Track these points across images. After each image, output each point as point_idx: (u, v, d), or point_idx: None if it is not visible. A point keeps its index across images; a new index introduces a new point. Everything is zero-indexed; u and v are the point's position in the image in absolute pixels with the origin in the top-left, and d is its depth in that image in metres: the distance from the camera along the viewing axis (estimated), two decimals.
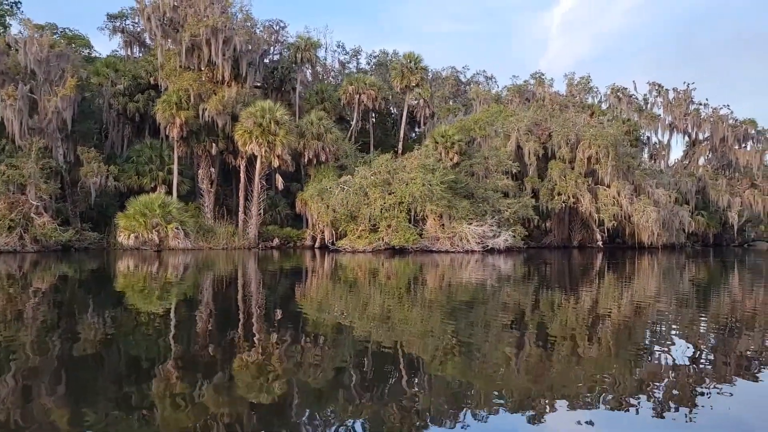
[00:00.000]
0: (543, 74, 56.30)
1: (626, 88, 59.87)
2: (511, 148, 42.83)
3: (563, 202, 41.40)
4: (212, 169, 41.34)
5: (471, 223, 34.65)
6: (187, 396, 6.15)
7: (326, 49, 61.54)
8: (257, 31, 44.95)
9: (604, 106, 59.99)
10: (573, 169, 42.06)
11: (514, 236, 36.41)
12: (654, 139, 60.02)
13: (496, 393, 6.39)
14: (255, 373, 7.21)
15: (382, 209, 34.93)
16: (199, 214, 39.36)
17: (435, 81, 59.74)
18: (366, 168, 37.58)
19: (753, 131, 55.15)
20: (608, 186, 41.75)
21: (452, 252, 34.11)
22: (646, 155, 61.49)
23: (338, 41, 72.01)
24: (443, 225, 35.07)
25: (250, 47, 40.48)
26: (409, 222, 35.42)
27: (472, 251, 34.01)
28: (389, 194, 35.48)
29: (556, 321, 11.21)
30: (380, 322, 10.72)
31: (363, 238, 34.57)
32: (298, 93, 47.28)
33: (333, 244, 36.33)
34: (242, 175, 40.13)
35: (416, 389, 6.53)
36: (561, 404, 5.97)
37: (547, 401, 6.07)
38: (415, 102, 54.69)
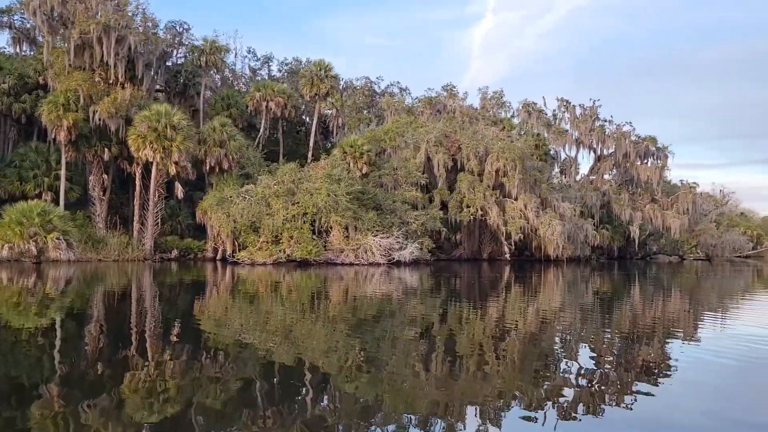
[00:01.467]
0: (454, 86, 57.76)
1: (536, 103, 62.24)
2: (420, 160, 43.35)
3: (472, 214, 42.25)
4: (105, 176, 39.37)
5: (377, 235, 34.50)
6: (71, 418, 5.86)
7: (236, 54, 60.61)
8: (159, 32, 43.39)
9: (516, 121, 62.03)
10: (482, 181, 43.06)
11: (421, 249, 36.70)
12: (563, 154, 62.57)
13: (405, 407, 6.43)
14: (147, 393, 6.92)
15: (284, 220, 34.30)
16: (90, 224, 37.25)
17: (348, 91, 59.78)
18: (269, 177, 36.87)
19: (653, 148, 58.56)
20: (515, 199, 43.02)
21: (357, 265, 33.99)
22: (557, 170, 63.97)
23: (249, 47, 70.57)
24: (348, 237, 34.80)
25: (146, 47, 38.87)
26: (313, 233, 34.99)
27: (378, 264, 33.91)
28: (293, 204, 34.91)
29: (463, 334, 11.44)
30: (283, 338, 10.59)
31: (264, 250, 33.83)
32: (203, 98, 45.92)
33: (232, 256, 35.24)
34: (138, 182, 38.42)
35: (324, 406, 6.51)
36: (470, 416, 6.10)
37: (456, 414, 6.18)
38: (329, 111, 54.51)
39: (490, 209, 42.33)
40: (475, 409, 6.36)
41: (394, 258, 34.84)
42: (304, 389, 7.12)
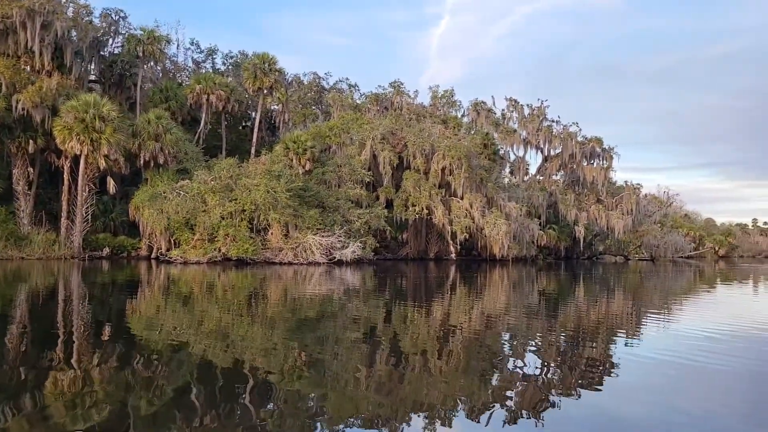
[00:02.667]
0: (402, 83, 57.42)
1: (485, 103, 62.70)
2: (366, 157, 42.93)
3: (417, 213, 42.07)
4: (30, 170, 37.53)
5: (317, 234, 33.90)
6: None
7: (178, 45, 58.94)
8: (94, 19, 41.77)
9: (466, 120, 62.26)
10: (428, 180, 42.92)
11: (364, 248, 36.23)
12: (513, 154, 63.21)
13: (349, 409, 6.37)
14: (73, 398, 6.44)
15: (221, 217, 33.30)
16: (13, 220, 35.47)
17: (295, 86, 58.90)
18: (206, 172, 35.77)
19: (599, 149, 59.70)
20: (461, 198, 43.00)
21: (296, 264, 33.28)
22: (508, 170, 64.63)
23: (192, 39, 68.67)
24: (288, 235, 34.08)
25: (76, 34, 37.24)
26: (252, 232, 34.09)
27: (318, 263, 33.30)
28: (230, 201, 33.95)
29: (408, 334, 11.37)
30: (219, 339, 10.26)
31: (198, 249, 32.75)
32: (140, 90, 44.39)
33: (163, 254, 34.09)
34: (66, 176, 36.73)
35: (265, 409, 6.33)
36: (416, 417, 6.07)
37: (401, 415, 6.13)
38: (277, 106, 53.61)
39: (435, 208, 42.23)
40: (421, 410, 6.32)
41: (335, 257, 34.29)
42: (243, 392, 6.84)
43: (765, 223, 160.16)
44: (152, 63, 47.64)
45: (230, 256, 33.10)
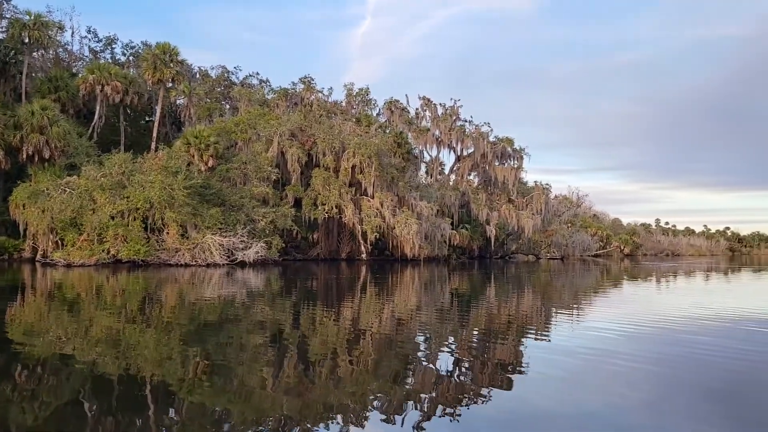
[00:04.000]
0: (312, 79, 56.54)
1: (399, 101, 62.80)
2: (273, 154, 41.78)
3: (327, 212, 41.34)
4: None
5: (216, 234, 32.52)
6: None
7: (73, 33, 55.71)
8: None
9: (382, 119, 62.15)
10: (338, 178, 42.22)
11: (270, 248, 35.10)
12: (426, 153, 63.65)
13: (256, 416, 6.16)
14: None
15: (112, 216, 31.32)
16: None
17: (202, 80, 56.80)
18: (95, 168, 33.60)
19: (510, 149, 61.06)
20: (372, 197, 42.58)
21: (194, 266, 31.70)
22: (423, 170, 65.04)
23: (89, 27, 64.94)
24: (186, 235, 32.51)
25: None
26: (146, 231, 32.26)
27: (219, 265, 31.95)
28: (122, 199, 32.01)
29: (316, 337, 11.20)
30: (110, 348, 9.60)
31: (84, 250, 30.57)
32: (27, 79, 41.43)
33: (45, 256, 31.75)
34: None
35: (166, 420, 6.06)
36: (327, 421, 5.96)
37: (311, 421, 6.02)
38: (182, 101, 51.56)
39: (345, 207, 41.63)
40: (332, 413, 6.23)
41: (237, 258, 33.05)
42: (141, 403, 6.54)
43: (666, 223, 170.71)
44: (42, 51, 44.64)
45: (121, 258, 31.18)
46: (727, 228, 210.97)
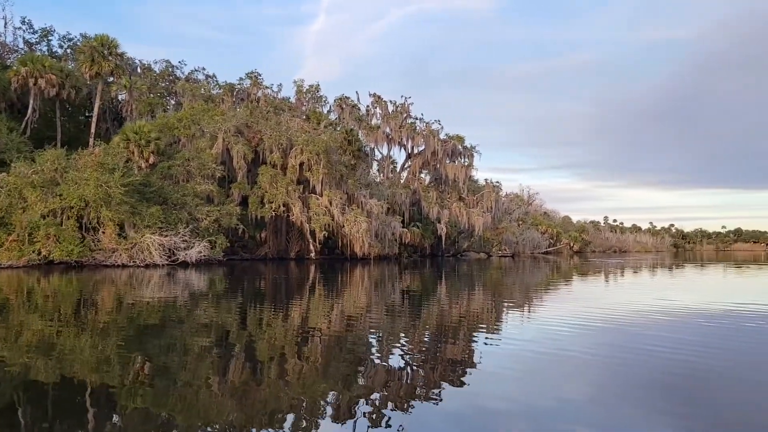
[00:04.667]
0: (259, 74, 55.34)
1: (350, 98, 62.21)
2: (218, 151, 40.66)
3: (274, 210, 40.46)
4: None
5: (156, 233, 31.29)
6: None
7: (6, 24, 53.19)
8: None
9: (333, 117, 61.44)
10: (285, 175, 41.36)
11: (214, 248, 34.04)
12: (377, 150, 63.26)
13: (201, 421, 5.98)
14: None
15: (43, 215, 29.75)
16: None
17: (144, 74, 54.90)
18: (26, 165, 31.90)
19: (460, 147, 61.20)
20: (320, 195, 41.87)
21: (132, 266, 30.43)
22: (376, 168, 64.64)
23: (24, 17, 62.09)
24: (123, 235, 31.17)
25: None
26: (81, 231, 30.78)
27: (160, 265, 30.77)
28: (55, 197, 30.46)
29: (264, 339, 10.91)
30: (43, 353, 9.14)
31: (13, 251, 28.92)
32: None
33: None
34: None
35: (107, 427, 5.83)
36: (276, 424, 5.91)
37: (260, 422, 5.94)
38: (124, 95, 49.75)
39: (293, 205, 40.82)
40: (281, 416, 6.13)
41: (178, 259, 31.89)
42: (78, 410, 6.29)
43: (615, 220, 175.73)
44: None
45: (53, 259, 29.64)
46: (672, 225, 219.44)
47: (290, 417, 6.12)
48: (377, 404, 6.48)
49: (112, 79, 45.56)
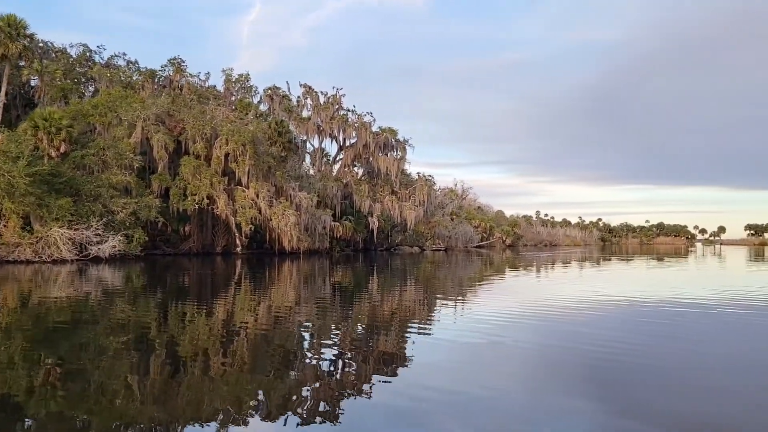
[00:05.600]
0: (183, 61, 53.09)
1: (280, 89, 60.79)
2: (136, 140, 38.68)
3: (197, 203, 38.89)
4: None
5: (64, 226, 29.32)
6: None
7: None
8: None
9: (263, 108, 59.80)
10: (209, 166, 39.79)
11: (130, 242, 32.31)
12: (308, 142, 62.07)
13: (120, 424, 5.73)
14: None
15: None
16: None
17: (58, 58, 51.71)
18: None
19: (393, 140, 60.77)
20: (247, 187, 40.51)
21: (38, 262, 28.46)
22: (308, 160, 63.49)
23: None
24: (28, 228, 29.07)
25: None
26: None
27: (69, 260, 28.92)
28: None
29: (186, 337, 10.56)
30: None
31: None
32: None
33: None
34: None
35: None
36: (199, 425, 5.67)
37: (182, 424, 5.72)
38: (36, 80, 46.69)
39: (217, 198, 39.33)
40: (205, 417, 5.89)
41: (90, 253, 30.03)
42: None
43: (546, 215, 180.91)
44: None
45: None
46: (600, 219, 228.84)
47: (217, 415, 5.96)
48: (308, 400, 6.45)
49: (22, 63, 42.59)
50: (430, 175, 66.83)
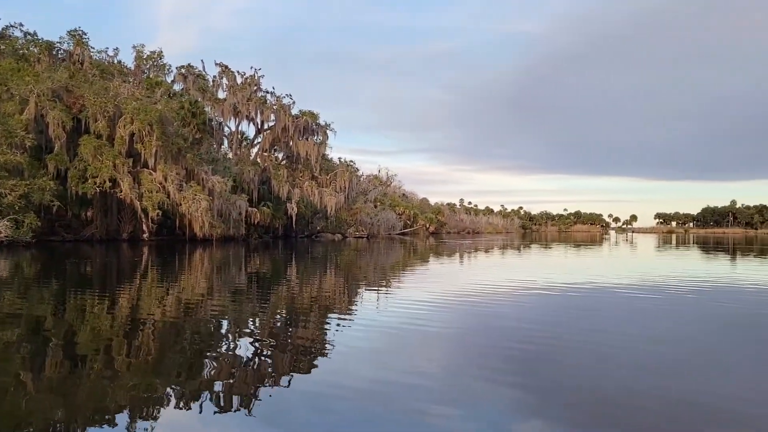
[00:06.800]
0: (84, 33, 49.96)
1: (195, 68, 58.62)
2: (29, 117, 36.17)
3: (98, 186, 36.89)
4: None
5: None
6: None
7: None
8: None
9: (178, 88, 57.41)
10: (112, 147, 37.73)
11: (19, 227, 30.18)
12: (225, 125, 60.24)
13: (13, 422, 5.31)
14: None
15: None
16: None
17: None
18: None
19: (314, 124, 59.85)
20: (154, 170, 38.72)
21: None
22: (226, 144, 61.66)
23: None
24: None
25: None
26: None
27: None
28: None
29: (86, 330, 9.94)
30: None
31: None
32: None
33: None
34: None
35: None
36: (102, 421, 5.35)
37: (82, 422, 5.34)
38: None
39: (121, 180, 37.49)
40: (110, 413, 5.59)
41: None
42: None
43: (469, 203, 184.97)
44: None
45: None
46: (521, 208, 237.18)
47: (122, 411, 5.68)
48: (223, 391, 6.29)
49: None
50: (352, 161, 66.47)
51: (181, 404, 5.88)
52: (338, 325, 10.25)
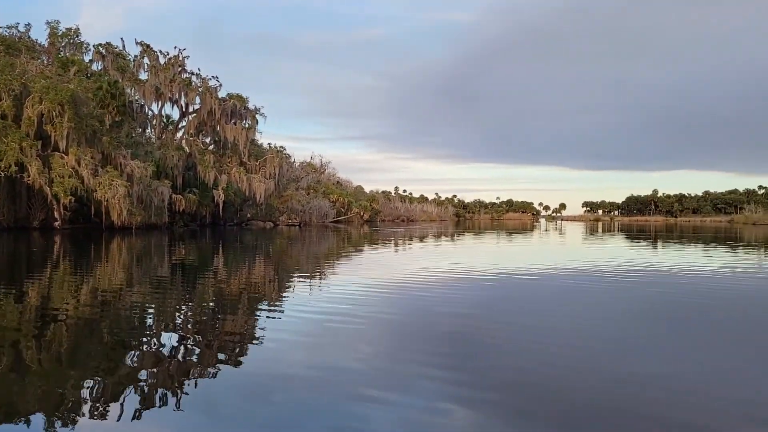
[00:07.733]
0: None
1: (113, 45, 56.39)
2: None
3: (2, 170, 34.95)
4: None
5: None
6: None
7: None
8: None
9: (96, 68, 55.08)
10: (19, 128, 35.90)
11: None
12: (147, 107, 58.29)
13: None
14: None
15: None
16: None
17: None
18: None
19: (242, 108, 58.70)
20: (66, 153, 37.11)
21: None
22: (150, 128, 59.79)
23: None
24: None
25: None
26: None
27: None
28: None
29: None
30: None
31: None
32: None
33: None
34: None
35: None
36: (13, 423, 5.04)
37: None
38: None
39: (29, 164, 35.79)
40: (19, 414, 5.28)
41: None
42: None
43: (404, 191, 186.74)
44: None
45: None
46: (455, 196, 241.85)
47: (34, 412, 5.35)
48: (146, 387, 6.07)
49: None
50: (282, 147, 65.62)
51: (102, 399, 5.68)
52: (269, 314, 10.23)
